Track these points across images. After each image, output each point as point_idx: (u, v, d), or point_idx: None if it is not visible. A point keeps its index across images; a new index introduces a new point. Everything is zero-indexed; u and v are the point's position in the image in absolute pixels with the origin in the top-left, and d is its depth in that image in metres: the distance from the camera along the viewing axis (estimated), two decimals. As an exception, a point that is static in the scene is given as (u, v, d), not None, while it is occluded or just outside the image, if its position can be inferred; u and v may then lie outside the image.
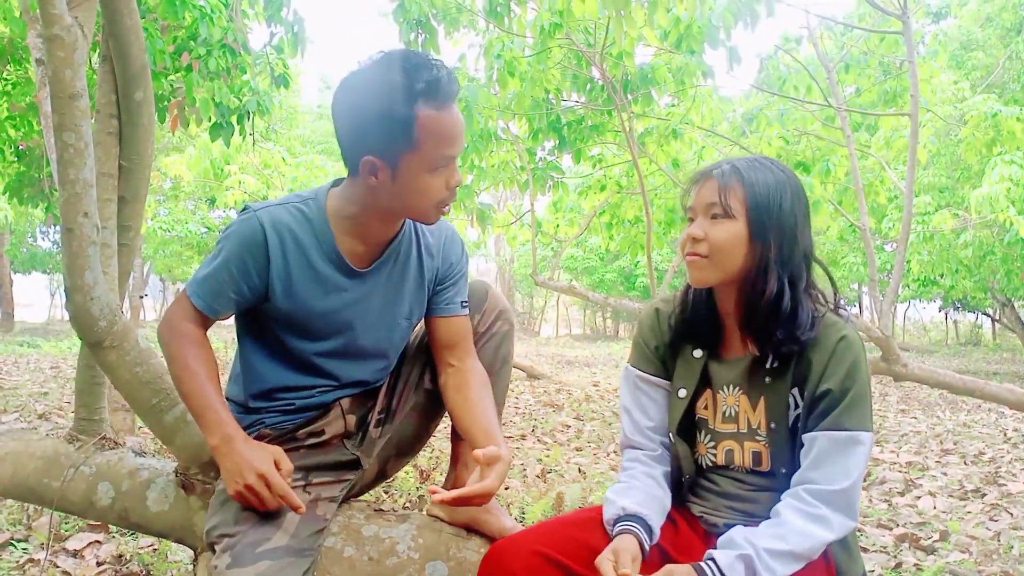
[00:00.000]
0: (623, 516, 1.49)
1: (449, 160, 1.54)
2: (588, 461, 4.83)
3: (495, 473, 1.49)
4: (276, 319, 1.69)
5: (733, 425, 1.57)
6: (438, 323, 1.81)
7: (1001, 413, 7.70)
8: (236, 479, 1.52)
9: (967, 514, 3.75)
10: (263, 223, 1.60)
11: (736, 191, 1.47)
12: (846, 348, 1.43)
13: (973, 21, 15.36)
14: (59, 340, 16.00)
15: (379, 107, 1.47)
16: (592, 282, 27.58)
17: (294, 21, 5.71)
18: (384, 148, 1.50)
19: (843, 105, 7.10)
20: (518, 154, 8.12)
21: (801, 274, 1.48)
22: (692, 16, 5.70)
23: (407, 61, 1.48)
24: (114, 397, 3.50)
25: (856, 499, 1.41)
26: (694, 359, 1.60)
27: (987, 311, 25.02)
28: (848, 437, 1.40)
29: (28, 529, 2.95)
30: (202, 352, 1.64)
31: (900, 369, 5.35)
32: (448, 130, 1.50)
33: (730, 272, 1.49)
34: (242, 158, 11.25)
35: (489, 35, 6.72)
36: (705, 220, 1.50)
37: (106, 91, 2.22)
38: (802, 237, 1.49)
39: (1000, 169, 8.79)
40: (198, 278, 1.65)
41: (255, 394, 1.76)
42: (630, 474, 1.61)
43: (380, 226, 1.66)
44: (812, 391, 1.44)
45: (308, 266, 1.64)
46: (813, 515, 1.38)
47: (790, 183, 1.49)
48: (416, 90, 1.46)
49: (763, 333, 1.49)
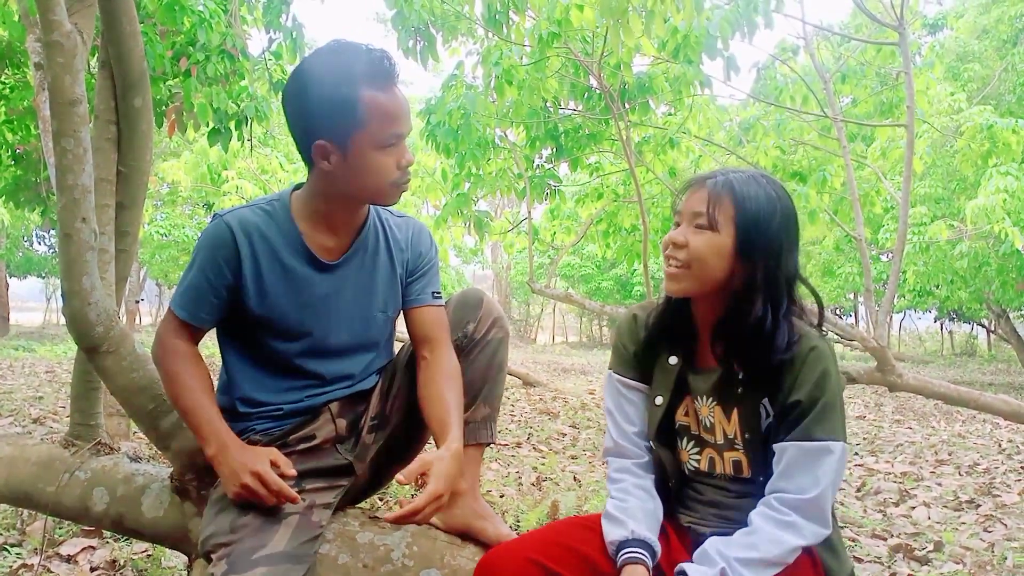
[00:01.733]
0: (630, 540, 1.47)
1: (397, 138, 1.62)
2: (583, 469, 4.83)
3: (433, 477, 1.55)
4: (253, 321, 1.73)
5: (711, 436, 1.57)
6: (411, 315, 1.86)
7: (996, 424, 7.71)
8: (233, 481, 1.57)
9: (961, 525, 3.75)
10: (231, 225, 1.67)
11: (725, 205, 1.47)
12: (816, 359, 1.43)
13: (969, 33, 15.44)
14: (54, 344, 15.95)
15: (325, 91, 1.57)
16: (589, 290, 27.59)
17: (293, 27, 5.73)
18: (333, 130, 1.58)
19: (839, 116, 7.13)
20: (515, 162, 8.14)
21: (782, 298, 1.48)
22: (689, 26, 5.72)
23: (347, 48, 1.60)
24: (109, 402, 3.50)
25: (828, 507, 1.41)
26: (669, 366, 1.61)
27: (982, 322, 25.04)
28: (818, 447, 1.41)
29: (22, 534, 2.94)
30: (194, 367, 1.72)
31: (895, 379, 5.37)
32: (392, 108, 1.59)
33: (707, 284, 1.49)
34: (239, 163, 11.24)
35: (487, 43, 6.74)
36: (689, 228, 1.50)
37: (105, 97, 2.22)
38: (787, 260, 1.48)
39: (996, 180, 8.82)
40: (179, 291, 1.72)
41: (242, 399, 1.78)
42: (622, 488, 1.59)
43: (343, 214, 1.73)
44: (783, 402, 1.45)
45: (278, 263, 1.70)
46: (784, 522, 1.39)
47: (781, 204, 1.49)
48: (357, 72, 1.56)
49: (740, 350, 1.49)
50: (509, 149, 8.11)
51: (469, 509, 1.81)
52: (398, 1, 6.06)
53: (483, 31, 6.80)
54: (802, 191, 7.15)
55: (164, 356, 1.72)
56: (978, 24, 15.33)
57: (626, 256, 9.60)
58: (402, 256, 1.85)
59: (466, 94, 6.91)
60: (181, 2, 4.68)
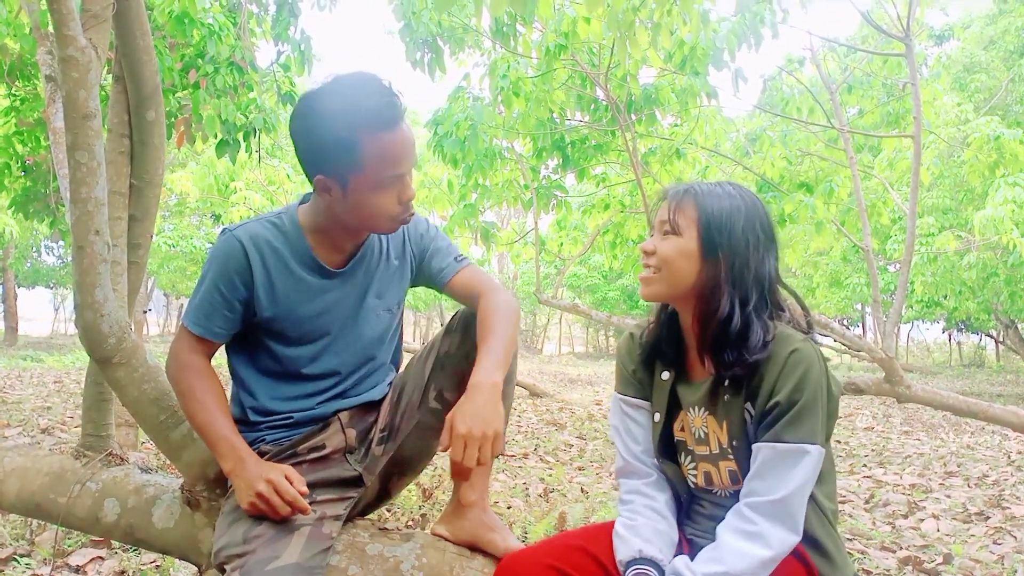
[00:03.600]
0: (637, 559, 1.49)
1: (396, 179, 1.63)
2: (591, 480, 4.83)
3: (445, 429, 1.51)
4: (265, 330, 1.76)
5: (705, 447, 1.58)
6: (450, 288, 1.90)
7: (1005, 435, 7.67)
8: (248, 492, 1.59)
9: (971, 537, 3.73)
10: (241, 240, 1.70)
11: (687, 210, 1.53)
12: (797, 361, 1.44)
13: (976, 43, 15.45)
14: (62, 354, 16.00)
15: (325, 132, 1.58)
16: (595, 300, 27.59)
17: (301, 39, 5.77)
18: (333, 169, 1.61)
19: (846, 126, 7.14)
20: (522, 173, 8.16)
21: (750, 295, 1.50)
22: (696, 38, 5.74)
23: (354, 88, 1.59)
24: (118, 412, 3.51)
25: (798, 512, 1.41)
26: (662, 381, 1.63)
27: (991, 332, 24.97)
28: (791, 449, 1.41)
29: (31, 544, 2.95)
30: (209, 382, 1.74)
31: (903, 390, 5.35)
32: (391, 152, 1.60)
33: (679, 288, 1.53)
34: (247, 174, 11.29)
35: (494, 55, 6.78)
36: (658, 236, 1.57)
37: (118, 110, 2.24)
38: (755, 260, 1.51)
39: (1004, 191, 8.82)
40: (192, 307, 1.75)
41: (253, 408, 1.81)
42: (631, 508, 1.60)
43: (345, 236, 1.77)
44: (763, 404, 1.45)
45: (288, 273, 1.74)
46: (748, 532, 1.40)
47: (746, 207, 1.53)
48: (358, 117, 1.56)
49: (716, 353, 1.51)
50: (516, 160, 8.14)
51: (478, 521, 1.81)
52: (406, 13, 6.10)
53: (490, 43, 6.83)
54: (809, 202, 7.15)
55: (179, 372, 1.74)
56: (985, 35, 15.35)
57: (633, 267, 9.59)
58: (406, 249, 1.90)
59: (473, 105, 6.95)
60: (191, 15, 4.73)
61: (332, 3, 6.31)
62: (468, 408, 1.51)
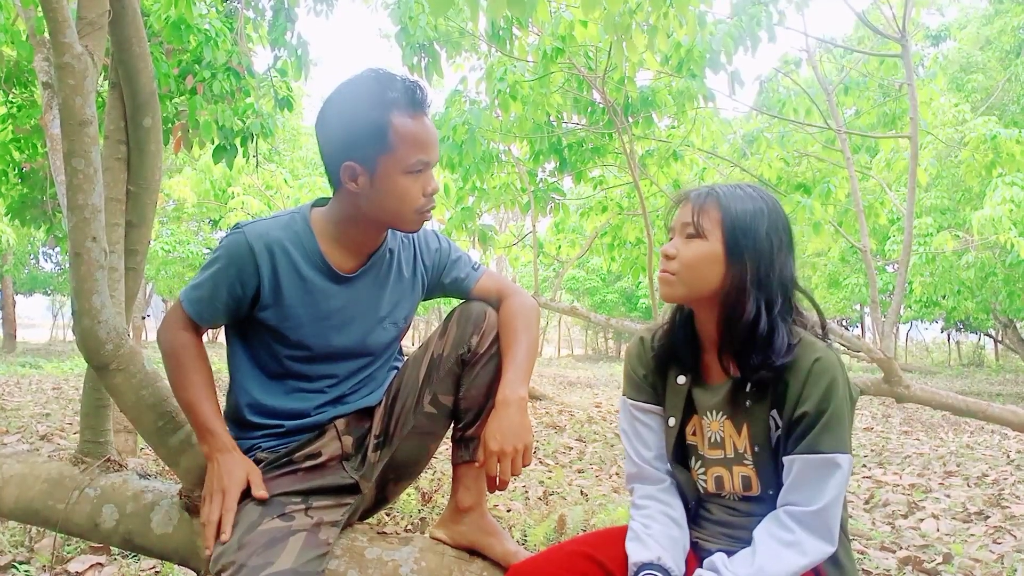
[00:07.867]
0: (654, 564, 1.48)
1: (424, 166, 1.66)
2: (590, 483, 4.82)
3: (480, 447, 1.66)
4: (268, 329, 1.77)
5: (720, 451, 1.57)
6: (472, 295, 1.94)
7: (1004, 435, 7.68)
8: (207, 486, 1.68)
9: (970, 536, 3.73)
10: (251, 238, 1.70)
11: (711, 213, 1.51)
12: (822, 370, 1.44)
13: (972, 44, 15.48)
14: (61, 361, 15.98)
15: (357, 114, 1.62)
16: (594, 303, 27.61)
17: (298, 44, 5.78)
18: (362, 152, 1.63)
19: (843, 127, 7.14)
20: (519, 176, 8.16)
21: (776, 299, 1.50)
22: (692, 41, 5.75)
23: (382, 75, 1.65)
24: (116, 418, 3.51)
25: (834, 522, 1.41)
26: (678, 385, 1.62)
27: (989, 332, 24.99)
28: (823, 460, 1.41)
29: (30, 551, 2.95)
30: (199, 362, 1.78)
31: (902, 391, 5.35)
32: (420, 135, 1.64)
33: (701, 291, 1.52)
34: (245, 180, 11.30)
35: (491, 59, 6.78)
36: (680, 239, 1.55)
37: (115, 117, 2.24)
38: (779, 263, 1.51)
39: (1002, 191, 8.84)
40: (192, 289, 1.77)
41: (248, 404, 1.81)
42: (646, 513, 1.58)
43: (363, 236, 1.77)
44: (789, 414, 1.45)
45: (296, 274, 1.73)
46: (786, 541, 1.40)
47: (768, 210, 1.52)
48: (389, 98, 1.62)
49: (741, 357, 1.50)
50: (513, 163, 8.14)
51: (476, 525, 1.82)
52: (402, 18, 6.10)
53: (487, 47, 6.84)
54: (806, 203, 7.15)
55: (171, 344, 1.77)
56: (981, 35, 15.38)
57: (631, 269, 9.61)
58: (417, 265, 1.90)
59: (470, 109, 6.95)
60: (187, 21, 4.73)
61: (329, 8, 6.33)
62: (498, 425, 1.62)
